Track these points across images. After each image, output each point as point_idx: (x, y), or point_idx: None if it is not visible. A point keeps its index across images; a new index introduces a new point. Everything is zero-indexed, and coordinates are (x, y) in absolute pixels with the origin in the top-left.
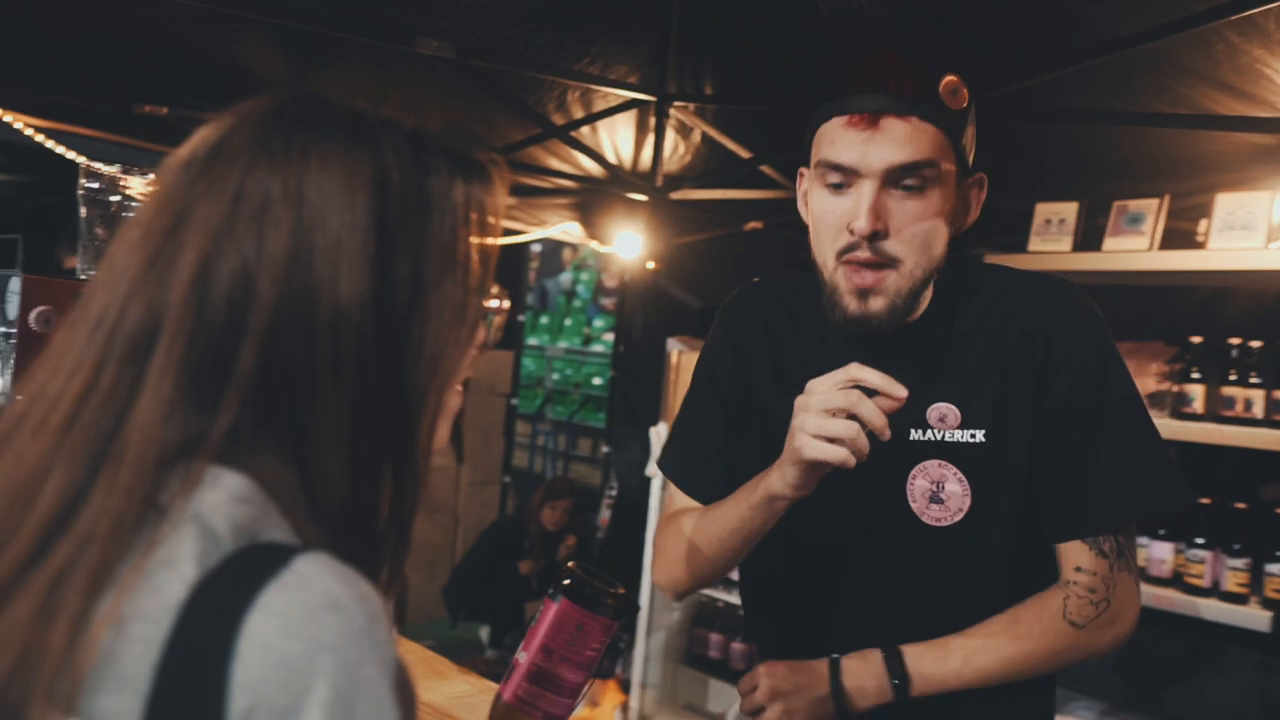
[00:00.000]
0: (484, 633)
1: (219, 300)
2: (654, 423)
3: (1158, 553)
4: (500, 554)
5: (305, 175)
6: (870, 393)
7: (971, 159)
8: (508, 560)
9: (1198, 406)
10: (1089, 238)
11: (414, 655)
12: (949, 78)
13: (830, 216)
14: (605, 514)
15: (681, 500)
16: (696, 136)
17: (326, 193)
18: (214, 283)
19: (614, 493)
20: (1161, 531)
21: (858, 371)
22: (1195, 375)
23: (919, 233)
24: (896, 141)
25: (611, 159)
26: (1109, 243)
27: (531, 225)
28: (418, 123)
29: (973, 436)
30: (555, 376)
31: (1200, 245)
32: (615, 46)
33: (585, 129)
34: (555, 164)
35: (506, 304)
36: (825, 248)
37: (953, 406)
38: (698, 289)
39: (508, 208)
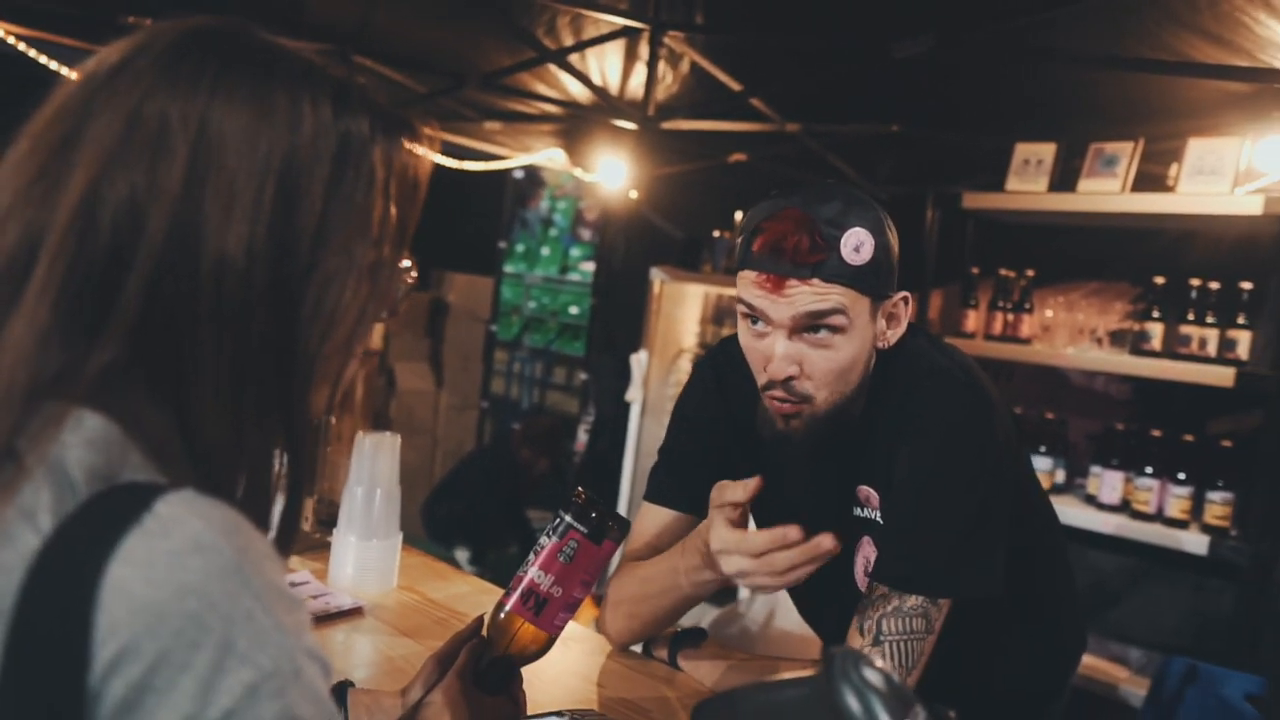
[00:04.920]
0: (461, 554)
1: (105, 229)
2: (634, 349)
3: (1109, 480)
4: (481, 484)
5: (209, 107)
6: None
7: (896, 279)
8: (488, 489)
9: (1156, 344)
10: (1065, 178)
11: (416, 559)
12: (853, 231)
13: (752, 353)
14: (582, 438)
15: (641, 520)
16: (685, 66)
17: (227, 129)
18: (101, 210)
19: (591, 418)
20: (1114, 461)
21: (730, 495)
22: (1156, 314)
23: (830, 372)
24: (800, 302)
25: (599, 86)
26: (1084, 184)
27: (516, 151)
28: (347, 73)
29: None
30: (532, 304)
31: (1170, 189)
32: None
33: (573, 56)
34: (542, 90)
35: (414, 275)
36: (754, 373)
37: (873, 490)
38: (680, 220)
39: (492, 132)
